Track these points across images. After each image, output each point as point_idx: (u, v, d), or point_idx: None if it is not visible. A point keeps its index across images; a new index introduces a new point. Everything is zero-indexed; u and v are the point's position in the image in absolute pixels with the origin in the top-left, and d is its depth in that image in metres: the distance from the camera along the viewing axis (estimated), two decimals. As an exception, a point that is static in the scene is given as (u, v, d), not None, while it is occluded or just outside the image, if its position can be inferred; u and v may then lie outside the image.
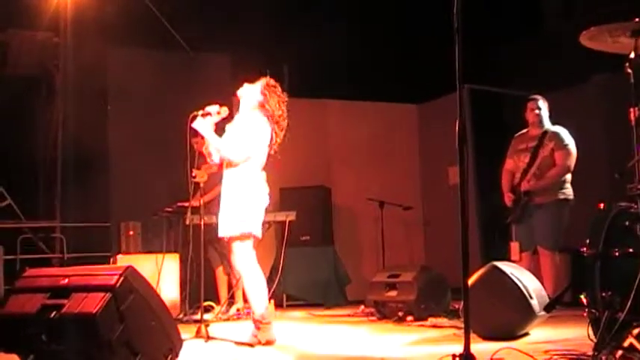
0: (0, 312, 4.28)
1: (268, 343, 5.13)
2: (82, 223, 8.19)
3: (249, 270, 5.25)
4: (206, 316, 7.22)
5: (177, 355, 4.09)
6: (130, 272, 3.96)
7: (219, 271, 7.53)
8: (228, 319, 7.26)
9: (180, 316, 6.96)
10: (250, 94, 5.38)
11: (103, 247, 7.87)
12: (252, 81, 5.41)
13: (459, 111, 3.57)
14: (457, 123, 3.54)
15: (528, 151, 6.77)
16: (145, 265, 6.86)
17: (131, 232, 7.32)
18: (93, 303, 3.77)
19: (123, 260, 6.99)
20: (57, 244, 8.28)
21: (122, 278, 3.87)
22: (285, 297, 8.31)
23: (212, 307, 7.45)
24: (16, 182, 8.29)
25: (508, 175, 6.97)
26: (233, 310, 7.42)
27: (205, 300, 7.51)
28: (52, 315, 3.86)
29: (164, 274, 7.07)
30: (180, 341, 4.17)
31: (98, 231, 8.11)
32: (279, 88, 5.40)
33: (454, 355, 3.35)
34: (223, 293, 7.55)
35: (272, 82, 5.42)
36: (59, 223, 8.38)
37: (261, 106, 5.32)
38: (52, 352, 3.86)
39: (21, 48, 7.74)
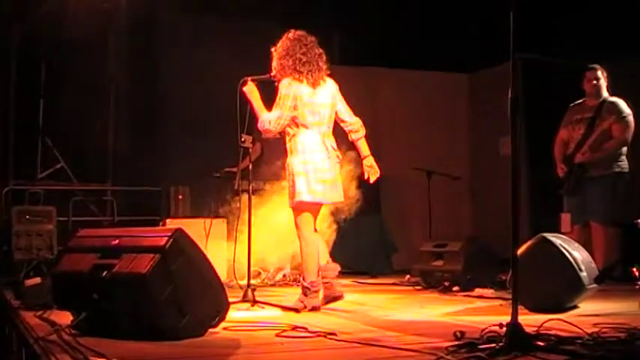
0: (54, 270, 4.39)
1: (314, 309, 5.16)
2: (132, 186, 8.30)
3: (301, 237, 5.29)
4: (253, 282, 7.35)
5: (224, 318, 4.15)
6: (180, 234, 4.01)
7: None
8: (274, 285, 7.34)
9: (228, 280, 7.03)
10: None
11: (153, 211, 7.98)
12: None
13: (512, 81, 3.51)
14: (509, 93, 3.49)
15: (584, 122, 6.64)
16: (194, 228, 6.93)
17: (180, 196, 7.40)
18: (143, 263, 3.84)
19: (172, 224, 7.08)
20: (108, 206, 8.42)
21: (172, 240, 3.92)
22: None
23: (259, 273, 7.52)
24: (68, 145, 8.44)
25: (561, 146, 6.85)
26: (279, 275, 7.48)
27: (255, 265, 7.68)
28: (104, 274, 3.95)
29: (212, 239, 7.15)
30: (228, 304, 4.21)
31: (148, 194, 8.22)
32: (294, 33, 5.33)
33: (501, 324, 3.32)
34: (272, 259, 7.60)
35: (290, 34, 5.35)
36: (110, 186, 8.52)
37: (281, 66, 5.29)
38: (104, 311, 3.94)
39: (77, 11, 7.81)
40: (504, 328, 3.32)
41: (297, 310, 5.12)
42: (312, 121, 5.25)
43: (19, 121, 8.04)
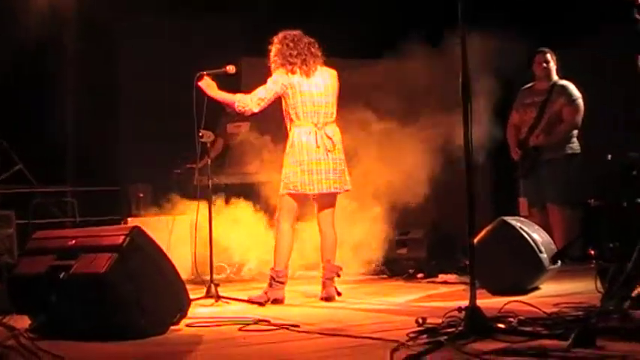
0: (11, 274, 4.33)
1: (276, 301, 5.15)
2: (93, 186, 8.21)
3: (279, 226, 5.32)
4: (218, 277, 7.31)
5: (185, 315, 4.12)
6: (137, 232, 3.98)
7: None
8: (240, 280, 7.31)
9: (193, 277, 6.98)
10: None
11: (115, 211, 7.89)
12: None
13: (463, 64, 3.52)
14: (460, 77, 3.50)
15: (535, 105, 6.71)
16: (157, 227, 6.88)
17: (141, 195, 7.34)
18: (101, 263, 3.81)
19: (133, 223, 7.00)
20: (69, 208, 8.32)
21: (129, 238, 3.89)
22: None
23: (224, 268, 7.48)
24: (26, 147, 8.30)
25: (513, 130, 6.91)
26: (245, 270, 7.45)
27: (218, 261, 7.64)
28: (61, 276, 3.90)
29: (176, 236, 7.09)
30: (189, 301, 4.19)
31: (110, 194, 8.13)
32: (283, 34, 5.36)
33: (459, 308, 3.35)
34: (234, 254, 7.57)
35: (275, 38, 5.39)
36: (70, 187, 8.41)
37: (275, 63, 5.33)
38: (63, 313, 3.90)
39: (27, 10, 7.68)
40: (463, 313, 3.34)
41: (261, 304, 5.11)
42: (306, 111, 5.25)
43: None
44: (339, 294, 5.29)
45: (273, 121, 6.15)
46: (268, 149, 7.32)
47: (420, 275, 6.37)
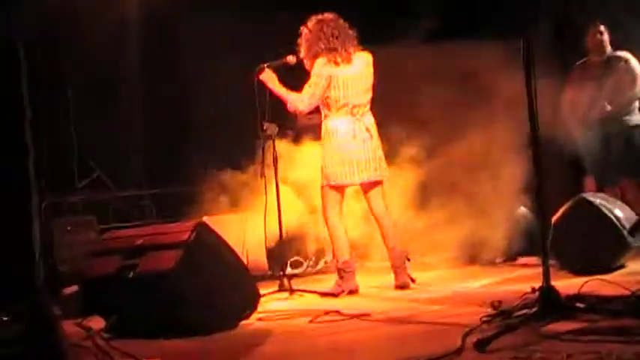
0: (83, 276, 4.38)
1: (352, 292, 5.06)
2: (168, 188, 8.29)
3: (328, 220, 5.20)
4: (295, 271, 7.27)
5: (255, 309, 4.08)
6: (202, 227, 3.97)
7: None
8: (317, 273, 7.25)
9: (270, 272, 6.96)
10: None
11: (191, 211, 7.94)
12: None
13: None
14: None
15: (593, 79, 6.40)
16: (231, 224, 6.89)
17: (215, 193, 7.35)
18: (167, 260, 3.80)
19: (209, 222, 7.02)
20: (146, 211, 8.43)
21: (194, 233, 3.88)
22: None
23: (300, 263, 7.45)
24: (103, 152, 8.46)
25: (569, 106, 6.59)
26: (321, 263, 7.38)
27: (294, 255, 7.60)
28: (130, 275, 3.91)
29: (250, 232, 7.07)
30: (259, 295, 4.15)
31: (185, 195, 8.19)
32: (318, 18, 5.20)
33: (533, 289, 3.19)
34: (311, 247, 7.52)
35: (311, 19, 5.23)
36: (147, 190, 8.53)
37: (313, 51, 5.16)
38: (133, 311, 3.91)
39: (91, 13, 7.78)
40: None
41: (335, 295, 5.03)
42: (346, 101, 5.13)
43: (52, 134, 8.04)
44: (412, 280, 5.16)
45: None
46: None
47: (498, 260, 6.15)
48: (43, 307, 4.63)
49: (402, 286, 5.10)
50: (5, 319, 3.22)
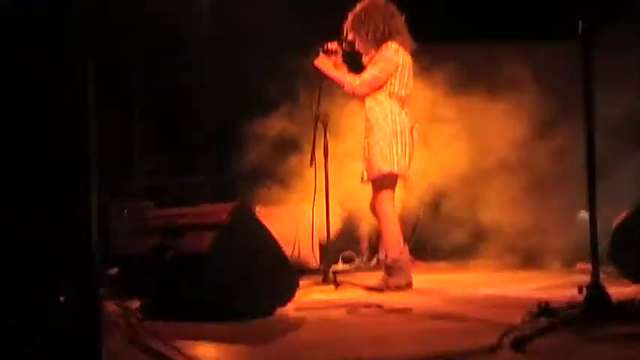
0: (120, 254, 4.34)
1: (399, 288, 4.90)
2: (224, 177, 8.29)
3: (383, 213, 5.00)
4: (346, 267, 7.14)
5: (292, 298, 3.96)
6: (241, 209, 3.87)
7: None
8: (370, 270, 7.09)
9: (319, 266, 6.85)
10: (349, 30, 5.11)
11: (247, 199, 7.89)
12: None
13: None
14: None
15: None
16: (284, 216, 6.81)
17: (268, 183, 7.29)
18: (204, 241, 3.71)
19: (261, 212, 6.95)
20: (204, 197, 8.44)
21: (233, 216, 3.78)
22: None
23: (353, 258, 7.32)
24: (164, 139, 8.52)
25: None
26: (374, 261, 7.23)
27: (347, 250, 7.46)
28: (167, 255, 3.84)
29: (303, 224, 6.96)
30: (296, 284, 4.04)
31: (243, 183, 8.15)
32: (375, 1, 5.05)
33: (580, 287, 2.98)
34: (365, 243, 7.38)
35: (367, 2, 5.06)
36: (204, 179, 8.55)
37: (379, 33, 5.00)
38: (169, 292, 3.84)
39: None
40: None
41: (380, 290, 4.88)
42: (403, 90, 5.00)
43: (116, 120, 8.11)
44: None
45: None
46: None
47: (556, 264, 5.91)
48: (89, 288, 4.62)
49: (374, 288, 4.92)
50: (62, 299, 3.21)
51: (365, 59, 5.13)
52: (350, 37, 5.10)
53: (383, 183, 4.98)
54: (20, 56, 2.45)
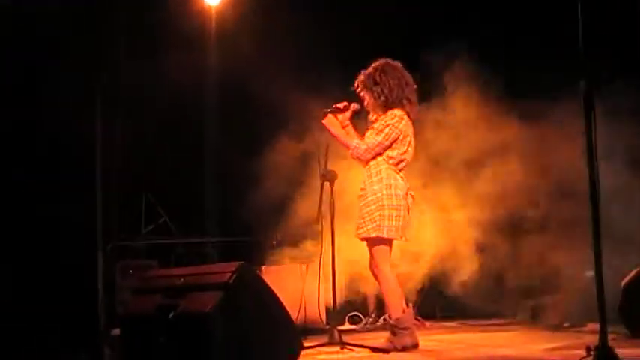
0: (123, 313, 4.30)
1: (404, 349, 4.82)
2: (230, 237, 8.29)
3: (383, 273, 4.96)
4: (353, 327, 7.06)
5: (295, 357, 3.90)
6: (245, 269, 3.84)
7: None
8: (377, 330, 7.00)
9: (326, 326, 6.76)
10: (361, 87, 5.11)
11: (252, 260, 7.86)
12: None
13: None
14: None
15: None
16: (290, 274, 6.76)
17: (274, 243, 7.26)
18: (207, 301, 3.68)
19: (267, 272, 6.91)
20: (208, 258, 8.41)
21: (236, 275, 3.75)
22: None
23: (360, 318, 7.24)
24: (168, 199, 8.53)
25: None
26: (381, 320, 7.14)
27: (354, 310, 7.39)
28: (169, 315, 3.80)
29: (309, 284, 6.90)
30: (300, 345, 3.98)
31: (247, 244, 8.13)
32: (392, 64, 5.06)
33: (588, 347, 2.92)
34: (372, 302, 7.30)
35: (384, 63, 5.06)
36: (210, 238, 8.54)
37: (393, 97, 4.99)
38: (170, 352, 3.79)
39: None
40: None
41: (386, 351, 4.79)
42: (404, 157, 5.01)
43: (123, 177, 8.13)
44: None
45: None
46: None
47: (566, 324, 5.82)
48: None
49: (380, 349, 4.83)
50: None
51: (371, 117, 5.15)
52: (361, 94, 5.13)
53: (378, 243, 4.95)
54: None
